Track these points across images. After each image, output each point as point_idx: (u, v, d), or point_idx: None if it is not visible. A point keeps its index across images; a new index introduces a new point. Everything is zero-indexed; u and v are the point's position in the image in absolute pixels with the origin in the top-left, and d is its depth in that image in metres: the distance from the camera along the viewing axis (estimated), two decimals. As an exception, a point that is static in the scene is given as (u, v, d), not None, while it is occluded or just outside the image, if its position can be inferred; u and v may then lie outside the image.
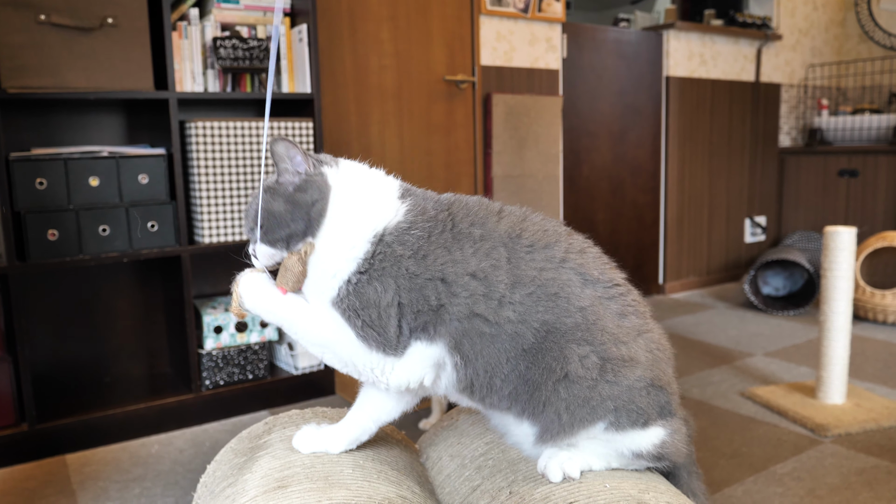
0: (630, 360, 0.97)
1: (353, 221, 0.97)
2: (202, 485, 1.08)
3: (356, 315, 0.95)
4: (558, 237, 1.02)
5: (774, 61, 4.91)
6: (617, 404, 0.96)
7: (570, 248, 1.01)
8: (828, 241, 2.44)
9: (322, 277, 0.97)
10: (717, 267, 4.80)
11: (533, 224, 1.02)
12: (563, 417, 0.95)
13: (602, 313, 0.97)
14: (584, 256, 1.01)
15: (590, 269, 1.00)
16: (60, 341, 2.58)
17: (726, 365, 3.05)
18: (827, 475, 2.03)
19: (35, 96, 2.16)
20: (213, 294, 2.83)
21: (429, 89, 3.25)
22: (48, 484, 2.10)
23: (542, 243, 1.00)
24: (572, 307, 0.96)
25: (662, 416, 1.00)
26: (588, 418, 0.96)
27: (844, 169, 4.69)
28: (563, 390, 0.94)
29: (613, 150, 4.22)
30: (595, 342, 0.95)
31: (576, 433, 0.97)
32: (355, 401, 1.08)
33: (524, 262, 0.97)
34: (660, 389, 0.99)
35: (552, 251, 0.99)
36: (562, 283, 0.97)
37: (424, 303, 0.94)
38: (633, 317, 1.00)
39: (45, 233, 2.21)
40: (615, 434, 0.97)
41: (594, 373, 0.95)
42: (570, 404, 0.95)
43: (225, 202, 2.46)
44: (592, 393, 0.95)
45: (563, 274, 0.98)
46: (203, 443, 2.37)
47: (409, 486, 0.97)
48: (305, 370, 2.70)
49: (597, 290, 0.99)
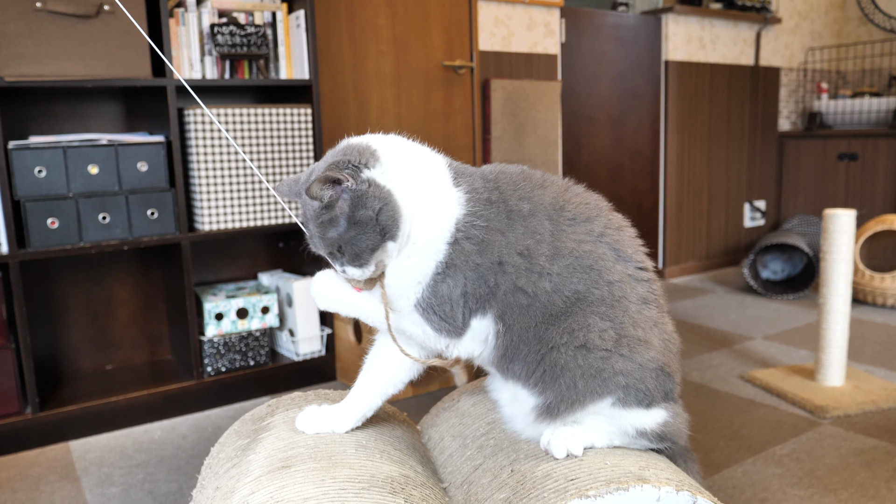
0: (644, 342, 0.99)
1: (429, 222, 0.96)
2: (206, 466, 1.09)
3: (433, 312, 0.98)
4: (599, 211, 1.04)
5: (774, 45, 4.90)
6: (628, 381, 0.98)
7: (609, 224, 1.03)
8: (827, 223, 2.44)
9: (410, 284, 0.97)
10: (716, 251, 4.80)
11: (575, 196, 1.04)
12: (578, 385, 0.97)
13: (628, 292, 1.00)
14: (621, 234, 1.04)
15: (624, 247, 1.03)
16: (62, 329, 2.59)
17: (726, 348, 3.07)
18: (825, 456, 2.05)
19: (33, 85, 2.16)
20: (214, 281, 2.84)
21: (427, 75, 3.24)
22: (52, 470, 2.11)
23: (583, 216, 1.02)
24: (602, 280, 0.99)
25: (666, 400, 1.02)
26: (598, 391, 0.97)
27: (844, 153, 4.69)
28: (580, 358, 0.97)
29: (612, 135, 4.22)
30: (615, 320, 0.98)
31: (585, 406, 0.98)
32: (359, 377, 1.09)
33: (565, 235, 0.99)
34: (668, 376, 1.02)
35: (592, 225, 1.02)
36: (597, 257, 0.99)
37: (485, 286, 0.97)
38: (654, 306, 1.02)
39: (45, 221, 2.21)
40: (621, 410, 0.99)
41: (609, 344, 0.97)
42: (585, 372, 0.97)
43: (224, 189, 2.46)
44: (605, 364, 0.97)
45: (600, 248, 1.00)
46: (206, 428, 2.38)
47: (411, 465, 0.98)
48: (306, 356, 2.71)
49: (627, 268, 1.02)
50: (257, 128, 2.50)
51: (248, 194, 2.51)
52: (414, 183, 0.97)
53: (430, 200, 0.97)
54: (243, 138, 2.48)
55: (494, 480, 0.94)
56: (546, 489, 0.86)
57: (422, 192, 0.97)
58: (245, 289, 2.71)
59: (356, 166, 0.94)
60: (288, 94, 2.74)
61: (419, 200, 0.96)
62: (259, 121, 2.50)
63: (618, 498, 0.83)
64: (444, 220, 0.96)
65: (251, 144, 2.50)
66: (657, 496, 0.85)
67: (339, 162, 0.94)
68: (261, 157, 2.52)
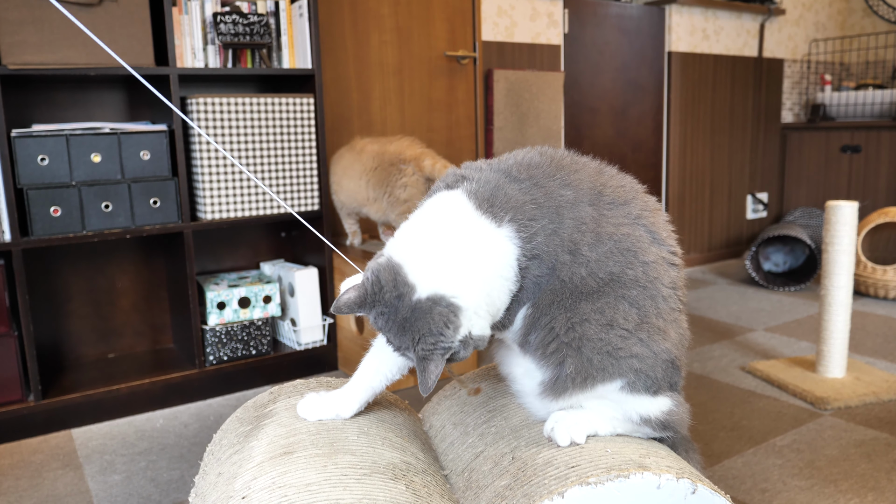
0: (663, 332, 1.00)
1: (488, 292, 0.93)
2: (209, 453, 1.09)
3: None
4: (635, 194, 1.05)
5: (777, 36, 4.88)
6: (640, 366, 0.98)
7: (646, 207, 1.04)
8: (829, 215, 2.44)
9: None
10: (718, 243, 4.80)
11: (611, 178, 1.05)
12: (593, 360, 0.97)
13: (661, 274, 1.01)
14: (656, 217, 1.05)
15: (659, 230, 1.04)
16: (64, 318, 2.60)
17: (727, 340, 3.07)
18: (826, 447, 2.05)
19: (36, 72, 2.16)
20: (216, 270, 2.84)
21: (430, 65, 3.23)
22: (54, 458, 2.12)
23: (621, 199, 1.02)
24: (637, 261, 0.99)
25: (671, 390, 1.03)
26: (610, 371, 0.98)
27: (847, 145, 4.68)
28: (602, 332, 0.97)
29: (615, 126, 4.21)
30: (643, 307, 0.98)
31: (595, 385, 0.98)
32: (362, 361, 1.09)
33: (605, 220, 0.99)
34: (677, 369, 1.03)
35: (629, 207, 1.02)
36: (634, 239, 1.00)
37: (538, 289, 0.97)
38: (679, 293, 1.04)
39: (47, 209, 2.22)
40: (628, 395, 0.99)
41: (631, 325, 0.97)
42: (603, 347, 0.97)
43: (227, 178, 2.46)
44: (624, 343, 0.97)
45: (637, 230, 1.01)
46: (208, 417, 2.39)
47: (413, 452, 0.99)
48: (308, 346, 2.72)
49: (661, 251, 1.03)
50: (260, 117, 2.50)
51: (251, 183, 2.51)
52: (449, 259, 0.92)
53: (475, 272, 0.92)
54: (245, 128, 2.48)
55: (495, 468, 0.94)
56: (547, 476, 0.86)
57: (464, 275, 0.92)
58: (247, 278, 2.72)
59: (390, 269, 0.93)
60: (291, 84, 2.74)
61: (465, 284, 0.92)
62: (262, 110, 2.50)
63: (618, 485, 0.84)
64: (501, 273, 0.93)
65: (253, 134, 2.49)
66: (658, 483, 0.85)
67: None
68: (263, 146, 2.52)
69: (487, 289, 0.93)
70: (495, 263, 0.93)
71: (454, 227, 0.94)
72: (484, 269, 0.92)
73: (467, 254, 0.92)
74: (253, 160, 2.50)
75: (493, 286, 0.93)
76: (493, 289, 0.93)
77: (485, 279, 0.92)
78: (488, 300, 0.93)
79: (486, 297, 0.93)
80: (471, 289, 0.91)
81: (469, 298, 0.91)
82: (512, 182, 0.97)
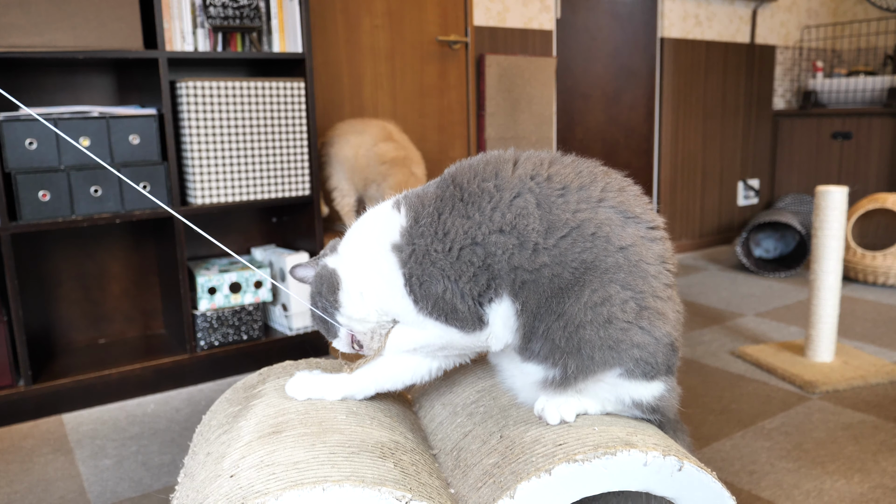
0: (662, 315, 0.97)
1: (365, 245, 1.04)
2: (198, 433, 1.09)
3: (436, 311, 0.97)
4: (594, 177, 1.00)
5: (770, 22, 4.88)
6: (642, 354, 0.96)
7: (608, 187, 0.99)
8: (819, 200, 2.45)
9: (395, 297, 1.00)
10: (709, 230, 4.81)
11: (564, 166, 1.00)
12: (595, 357, 0.95)
13: (644, 254, 0.97)
14: (624, 194, 1.00)
15: (631, 207, 0.99)
16: (54, 303, 2.59)
17: (717, 325, 3.08)
18: (814, 430, 2.07)
19: (23, 55, 2.14)
20: (207, 256, 2.83)
21: (421, 50, 3.22)
22: (45, 442, 2.12)
23: (575, 185, 0.98)
24: (612, 247, 0.95)
25: (668, 374, 1.01)
26: (611, 362, 0.96)
27: (838, 132, 4.69)
28: (602, 331, 0.94)
29: (607, 112, 4.21)
30: (636, 288, 0.95)
31: (595, 376, 0.97)
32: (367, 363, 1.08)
33: (556, 206, 0.96)
34: (675, 351, 1.00)
35: (588, 192, 0.98)
36: (599, 223, 0.95)
37: (471, 267, 0.95)
38: (670, 266, 1.00)
39: (36, 193, 2.20)
40: (625, 381, 0.98)
41: (631, 316, 0.95)
42: (603, 344, 0.94)
43: (217, 163, 2.45)
44: (625, 336, 0.95)
45: (601, 213, 0.96)
46: (199, 402, 2.39)
47: (401, 431, 0.99)
48: (300, 331, 2.72)
49: (639, 229, 0.98)
50: (250, 101, 2.49)
51: (241, 168, 2.50)
52: (356, 236, 1.07)
53: (367, 231, 1.05)
54: (235, 112, 2.47)
55: (484, 446, 0.95)
56: (535, 454, 0.87)
57: (360, 234, 1.06)
58: (238, 263, 2.71)
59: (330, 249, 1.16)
60: (281, 68, 2.72)
61: (358, 238, 1.06)
62: (252, 94, 2.49)
63: (605, 462, 0.84)
64: (380, 238, 1.01)
65: (244, 118, 2.48)
66: (644, 461, 0.86)
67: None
68: (254, 130, 2.51)
69: (364, 267, 1.03)
70: (372, 237, 1.03)
71: (366, 219, 1.08)
72: (367, 247, 1.03)
73: (361, 237, 1.06)
74: (243, 145, 2.49)
75: (369, 263, 1.02)
76: (369, 265, 1.02)
77: (362, 258, 1.03)
78: (365, 280, 1.02)
79: (362, 275, 1.02)
80: (351, 268, 1.05)
81: (349, 277, 1.05)
82: (433, 185, 1.04)
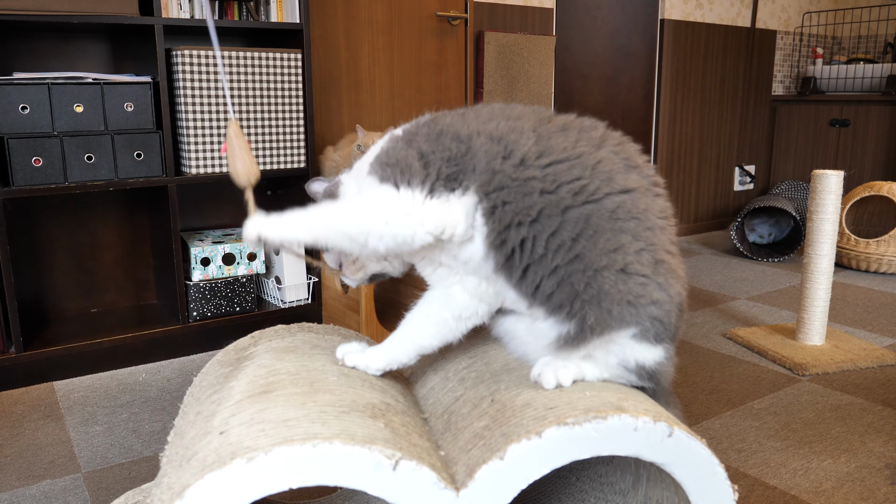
0: (674, 272, 0.95)
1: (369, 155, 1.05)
2: (189, 395, 1.09)
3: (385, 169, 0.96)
4: (596, 125, 0.99)
5: (771, 7, 4.85)
6: (658, 313, 0.93)
7: (610, 136, 0.98)
8: (815, 183, 2.45)
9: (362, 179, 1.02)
10: (705, 214, 4.81)
11: (566, 117, 0.99)
12: (613, 312, 0.92)
13: (651, 205, 0.94)
14: (625, 146, 0.98)
15: (633, 158, 0.97)
16: (47, 271, 2.57)
17: (710, 308, 3.09)
18: (802, 411, 2.08)
19: (16, 18, 2.11)
20: (201, 227, 2.82)
21: (420, 25, 3.19)
22: (36, 408, 2.12)
23: (576, 126, 0.97)
24: (616, 185, 0.92)
25: (672, 340, 0.99)
26: (629, 320, 0.93)
27: (836, 119, 4.68)
28: (621, 283, 0.91)
29: (605, 93, 4.19)
30: (647, 240, 0.92)
31: (612, 334, 0.94)
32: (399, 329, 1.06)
33: (555, 138, 0.94)
34: (681, 313, 0.98)
35: (590, 133, 0.96)
36: (600, 158, 0.93)
37: (446, 152, 0.95)
38: (672, 222, 0.98)
39: (29, 159, 2.18)
40: (634, 343, 0.96)
41: (648, 269, 0.92)
42: (623, 298, 0.91)
43: (212, 133, 2.43)
44: (644, 291, 0.92)
45: (603, 152, 0.94)
46: (190, 372, 2.39)
47: (392, 394, 0.99)
48: (293, 303, 2.72)
49: (643, 178, 0.95)
50: (247, 71, 2.46)
51: (236, 139, 2.48)
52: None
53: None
54: (231, 82, 2.45)
55: (475, 410, 0.95)
56: (525, 417, 0.87)
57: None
58: (232, 235, 2.70)
59: None
60: (278, 38, 2.70)
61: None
62: (248, 64, 2.47)
63: (596, 426, 0.84)
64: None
65: (241, 88, 2.46)
66: (634, 426, 0.86)
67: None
68: (250, 101, 2.49)
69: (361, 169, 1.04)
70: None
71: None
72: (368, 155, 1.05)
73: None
74: (239, 115, 2.47)
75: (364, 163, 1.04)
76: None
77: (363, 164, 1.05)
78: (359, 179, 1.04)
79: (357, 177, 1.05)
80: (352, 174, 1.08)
81: (349, 181, 1.08)
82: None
